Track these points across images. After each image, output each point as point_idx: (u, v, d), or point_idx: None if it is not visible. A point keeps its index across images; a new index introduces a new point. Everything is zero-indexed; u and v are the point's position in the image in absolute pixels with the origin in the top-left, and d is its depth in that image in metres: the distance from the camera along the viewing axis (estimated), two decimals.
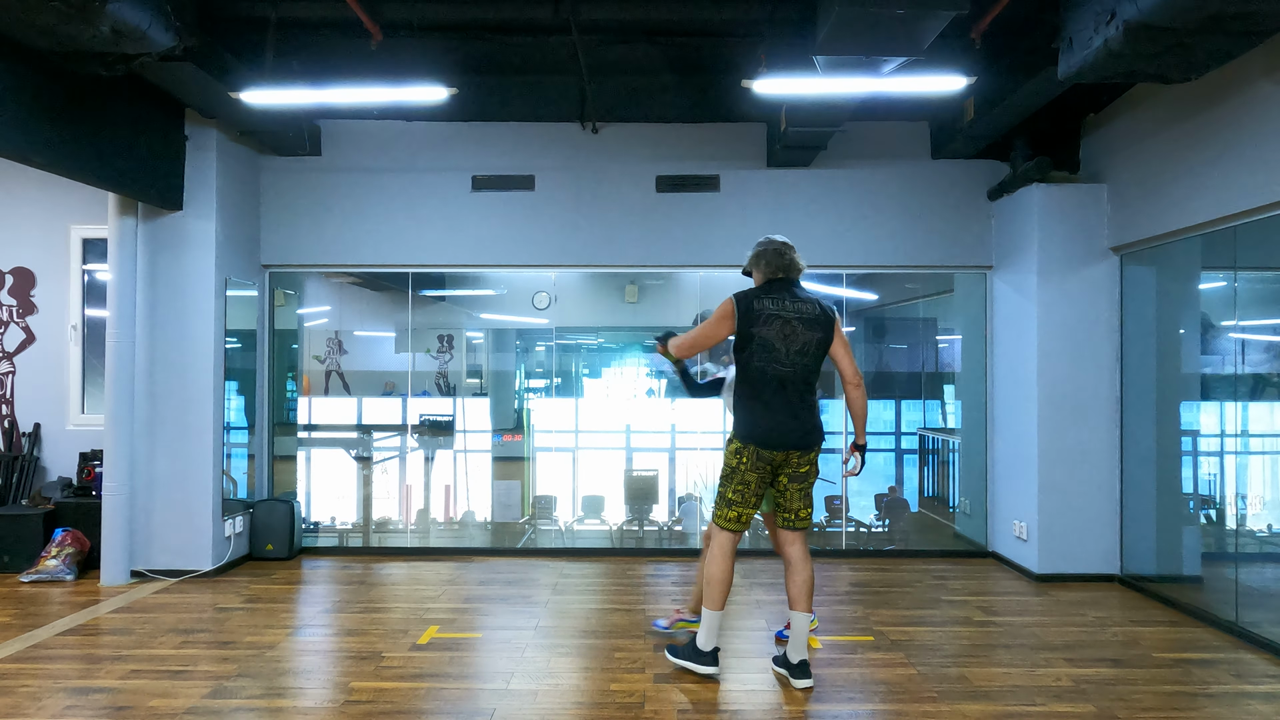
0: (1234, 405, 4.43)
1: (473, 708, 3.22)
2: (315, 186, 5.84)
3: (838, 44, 3.67)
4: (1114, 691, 3.41)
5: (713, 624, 3.49)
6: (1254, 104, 3.94)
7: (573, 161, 5.84)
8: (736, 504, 3.47)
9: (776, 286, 3.53)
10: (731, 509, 3.48)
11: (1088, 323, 5.22)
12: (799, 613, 3.48)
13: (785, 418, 3.43)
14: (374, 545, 6.12)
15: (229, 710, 3.20)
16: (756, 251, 3.62)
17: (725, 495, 3.50)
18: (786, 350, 3.43)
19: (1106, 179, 5.23)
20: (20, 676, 3.53)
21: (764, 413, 3.43)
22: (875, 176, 5.84)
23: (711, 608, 3.48)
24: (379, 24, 4.49)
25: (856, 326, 6.30)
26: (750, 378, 3.45)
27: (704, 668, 3.50)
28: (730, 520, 3.48)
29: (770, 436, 3.41)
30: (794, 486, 3.52)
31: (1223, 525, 4.55)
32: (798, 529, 3.55)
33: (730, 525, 3.49)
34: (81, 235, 5.81)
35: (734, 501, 3.47)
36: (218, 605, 4.61)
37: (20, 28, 3.58)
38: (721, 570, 3.47)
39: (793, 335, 3.43)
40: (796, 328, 3.44)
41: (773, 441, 3.41)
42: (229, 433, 5.46)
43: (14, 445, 5.73)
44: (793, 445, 3.44)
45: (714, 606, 3.48)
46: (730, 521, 3.48)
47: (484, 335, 6.79)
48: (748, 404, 3.46)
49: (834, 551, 5.96)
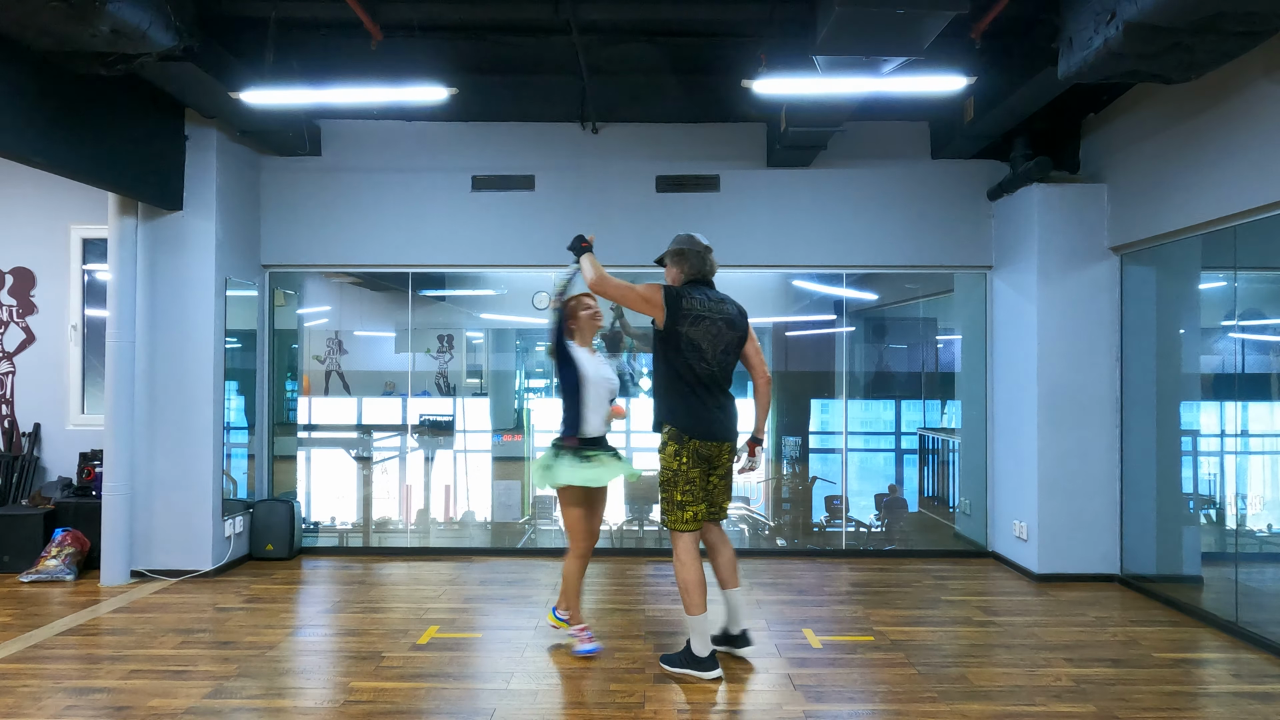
0: (1234, 405, 4.43)
1: (473, 708, 3.22)
2: (315, 186, 5.84)
3: (837, 44, 3.67)
4: (1114, 691, 3.41)
5: (701, 627, 3.50)
6: (1254, 104, 3.94)
7: (573, 161, 5.84)
8: (689, 503, 3.55)
9: (698, 285, 3.66)
10: (685, 510, 3.54)
11: (1088, 323, 5.22)
12: (734, 589, 3.71)
13: (718, 413, 3.58)
14: (374, 545, 6.12)
15: (229, 710, 3.20)
16: (682, 249, 3.70)
17: (674, 498, 3.56)
18: (713, 351, 3.55)
19: (1106, 179, 5.23)
20: (20, 676, 3.53)
21: (701, 409, 3.54)
22: (875, 176, 5.84)
23: (695, 612, 3.49)
24: (379, 24, 4.49)
25: (856, 326, 6.30)
26: (682, 376, 3.54)
27: (706, 673, 3.50)
28: (687, 521, 3.54)
29: (711, 429, 3.55)
30: (722, 481, 3.69)
31: (1223, 525, 4.55)
32: (720, 520, 3.76)
33: (687, 526, 3.55)
34: (81, 235, 5.81)
35: (686, 502, 3.55)
36: (218, 605, 4.61)
37: (20, 28, 3.58)
38: (694, 573, 3.52)
39: (718, 336, 3.56)
40: (721, 328, 3.58)
41: (713, 433, 3.55)
42: (229, 433, 5.46)
43: (14, 445, 5.73)
44: (725, 437, 3.59)
45: (697, 610, 3.49)
46: (687, 523, 3.55)
47: (484, 335, 6.79)
48: (687, 401, 3.55)
49: (834, 551, 5.96)
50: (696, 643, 3.51)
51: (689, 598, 3.50)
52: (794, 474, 6.52)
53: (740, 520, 6.51)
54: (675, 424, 3.53)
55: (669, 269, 3.75)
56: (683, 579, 3.52)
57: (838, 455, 6.13)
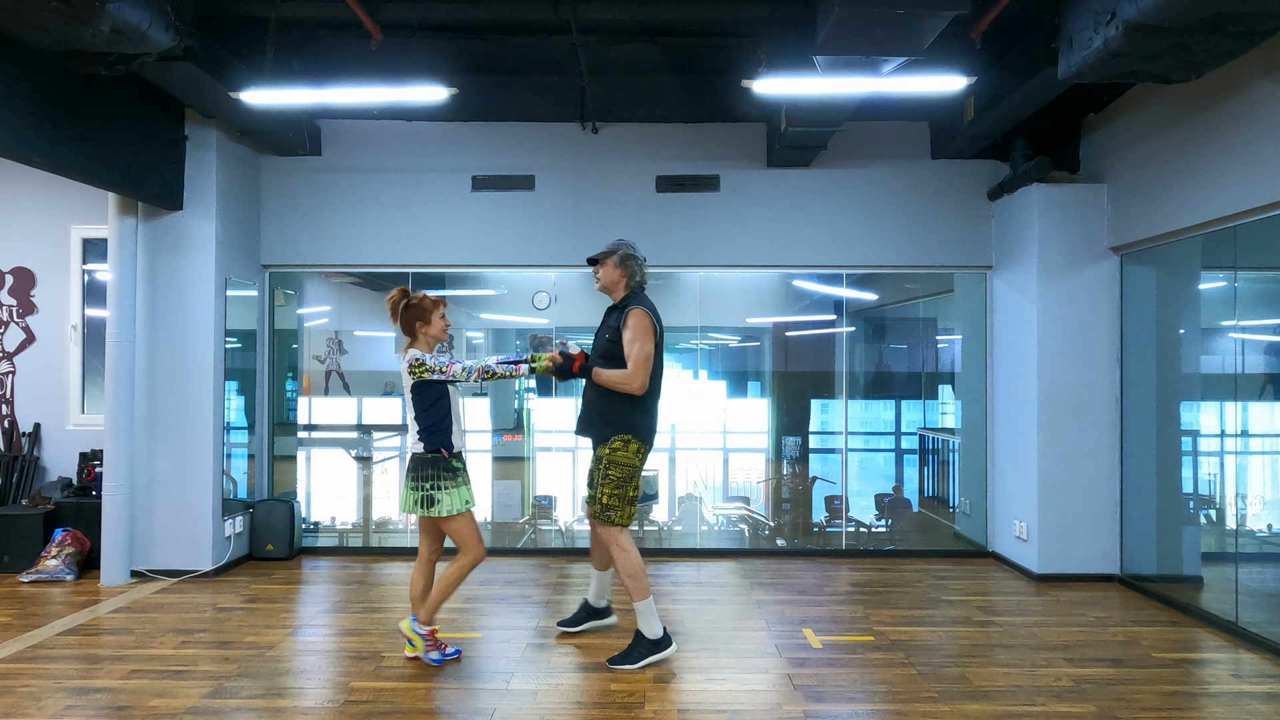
0: (1234, 405, 4.43)
1: (473, 708, 3.22)
2: (315, 186, 5.84)
3: (838, 44, 3.67)
4: (1114, 691, 3.41)
5: (650, 609, 3.66)
6: (1254, 104, 3.94)
7: (573, 161, 5.84)
8: (635, 500, 3.75)
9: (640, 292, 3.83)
10: (632, 505, 3.73)
11: (1088, 323, 5.22)
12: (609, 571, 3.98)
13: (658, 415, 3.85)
14: (374, 545, 6.12)
15: (229, 710, 3.20)
16: (633, 255, 3.80)
17: (628, 495, 3.71)
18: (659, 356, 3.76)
19: (1106, 179, 5.23)
20: (20, 676, 3.53)
21: (656, 415, 3.80)
22: (875, 176, 5.84)
23: (642, 597, 3.65)
24: (379, 24, 4.49)
25: (857, 326, 6.30)
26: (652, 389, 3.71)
27: (666, 651, 3.68)
28: (629, 516, 3.73)
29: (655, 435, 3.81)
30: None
31: (1223, 525, 4.55)
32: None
33: (629, 521, 3.74)
34: (81, 235, 5.81)
35: (634, 499, 3.74)
36: (218, 605, 4.61)
37: (20, 28, 3.58)
38: (638, 561, 3.68)
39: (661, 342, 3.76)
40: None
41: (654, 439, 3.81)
42: (229, 433, 5.46)
43: (14, 445, 5.73)
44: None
45: (645, 595, 3.66)
46: (630, 518, 3.74)
47: (484, 335, 6.79)
48: (652, 408, 3.75)
49: (834, 551, 5.96)
50: (649, 625, 3.66)
51: (637, 584, 3.64)
52: (794, 474, 6.52)
53: (740, 520, 6.52)
54: (640, 429, 3.70)
55: (615, 269, 3.80)
56: (634, 565, 3.66)
57: (838, 455, 6.13)
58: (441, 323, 3.71)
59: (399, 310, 3.71)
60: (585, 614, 4.11)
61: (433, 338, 3.70)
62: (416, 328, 3.68)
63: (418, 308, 3.69)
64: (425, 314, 3.68)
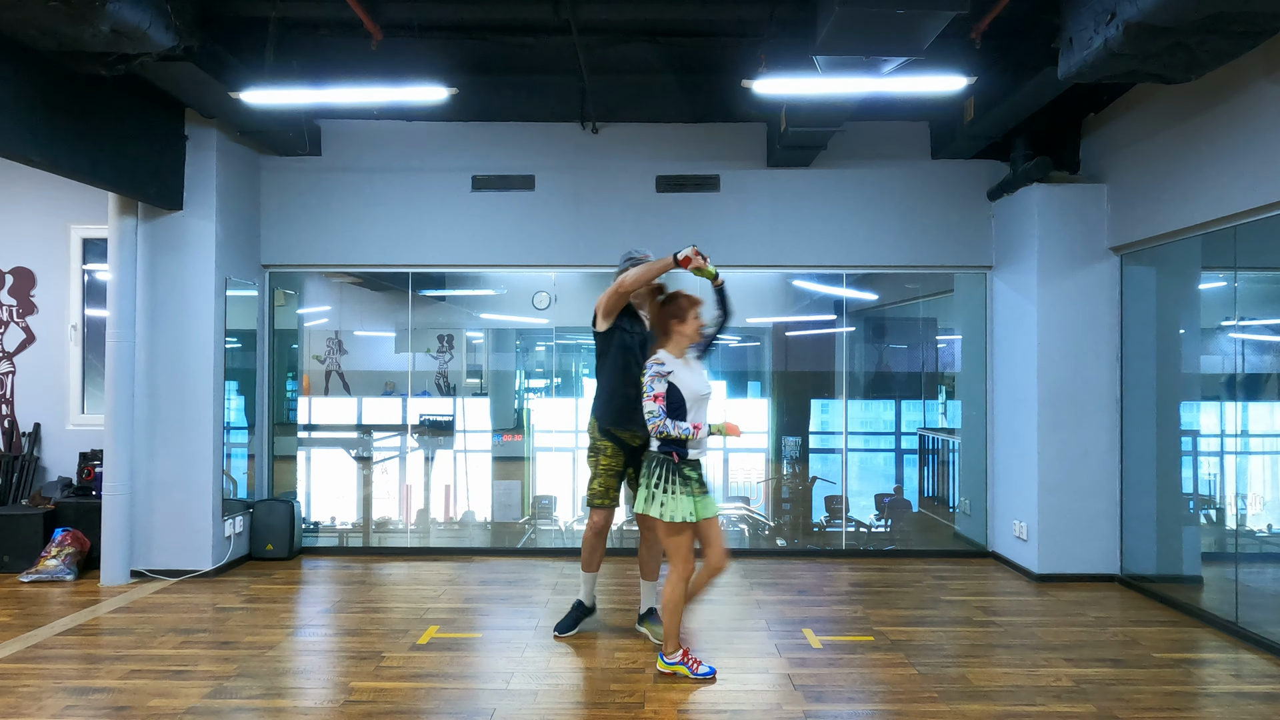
0: (1234, 405, 4.43)
1: (473, 708, 3.22)
2: (315, 186, 5.83)
3: (837, 44, 3.67)
4: (1114, 691, 3.41)
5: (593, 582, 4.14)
6: (1254, 104, 3.94)
7: (573, 161, 5.84)
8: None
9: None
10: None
11: (1088, 323, 5.22)
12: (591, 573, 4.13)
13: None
14: (374, 545, 6.12)
15: (229, 710, 3.20)
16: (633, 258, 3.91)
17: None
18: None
19: (1106, 179, 5.23)
20: (20, 676, 3.53)
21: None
22: (875, 176, 5.84)
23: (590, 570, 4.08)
24: (379, 24, 4.49)
25: (857, 326, 6.30)
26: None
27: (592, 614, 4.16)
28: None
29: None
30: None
31: (1223, 525, 4.55)
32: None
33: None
34: (81, 235, 5.81)
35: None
36: (218, 605, 4.61)
37: (20, 27, 3.58)
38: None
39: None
40: None
41: None
42: (229, 433, 5.46)
43: (14, 445, 5.72)
44: None
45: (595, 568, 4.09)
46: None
47: (484, 335, 6.79)
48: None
49: (834, 551, 5.96)
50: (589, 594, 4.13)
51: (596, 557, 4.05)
52: (794, 474, 6.52)
53: (740, 520, 6.52)
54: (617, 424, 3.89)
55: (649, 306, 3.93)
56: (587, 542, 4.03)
57: (838, 455, 6.13)
58: (696, 322, 3.51)
59: (654, 304, 3.65)
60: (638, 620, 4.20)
61: (687, 338, 3.52)
62: (671, 325, 3.50)
63: (674, 305, 3.50)
64: (682, 313, 3.49)
